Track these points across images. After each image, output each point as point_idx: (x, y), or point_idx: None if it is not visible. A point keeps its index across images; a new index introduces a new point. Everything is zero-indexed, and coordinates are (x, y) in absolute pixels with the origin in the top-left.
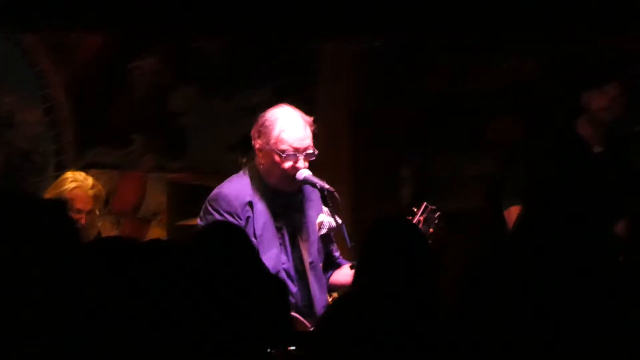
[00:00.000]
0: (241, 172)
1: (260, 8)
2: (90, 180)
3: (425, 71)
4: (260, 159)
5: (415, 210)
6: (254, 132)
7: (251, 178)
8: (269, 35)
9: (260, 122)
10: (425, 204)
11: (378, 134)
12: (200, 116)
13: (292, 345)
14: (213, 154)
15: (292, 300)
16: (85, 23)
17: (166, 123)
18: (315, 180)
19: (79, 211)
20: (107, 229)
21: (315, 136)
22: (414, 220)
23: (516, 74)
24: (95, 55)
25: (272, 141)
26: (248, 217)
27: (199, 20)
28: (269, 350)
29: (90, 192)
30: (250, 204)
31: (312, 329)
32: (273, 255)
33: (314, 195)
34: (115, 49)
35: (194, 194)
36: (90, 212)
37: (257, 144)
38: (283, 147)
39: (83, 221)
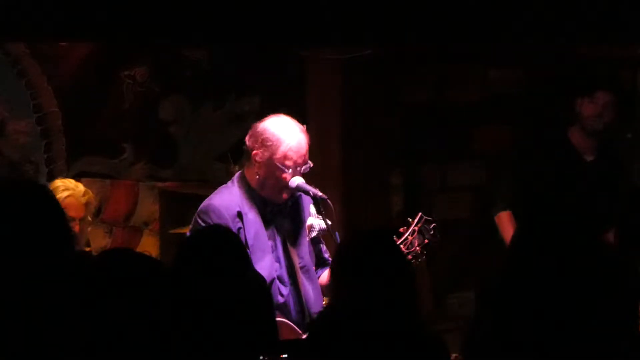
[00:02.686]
0: (229, 183)
1: (249, 16)
2: (81, 187)
3: (414, 81)
4: (256, 169)
5: (411, 220)
6: (252, 143)
7: (240, 188)
8: (259, 44)
9: (262, 134)
10: (420, 214)
11: (368, 143)
12: (191, 125)
13: (284, 353)
14: (203, 163)
15: (282, 300)
16: (74, 33)
17: (156, 132)
18: (308, 187)
19: (72, 219)
20: (99, 238)
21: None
22: (409, 230)
23: (504, 83)
24: (85, 65)
25: (278, 156)
26: (239, 229)
27: (188, 30)
28: (261, 357)
29: (83, 200)
30: (239, 214)
31: (303, 336)
32: (266, 264)
33: (302, 199)
34: (105, 58)
35: (185, 203)
36: (82, 220)
37: (258, 156)
38: (288, 162)
39: (77, 229)
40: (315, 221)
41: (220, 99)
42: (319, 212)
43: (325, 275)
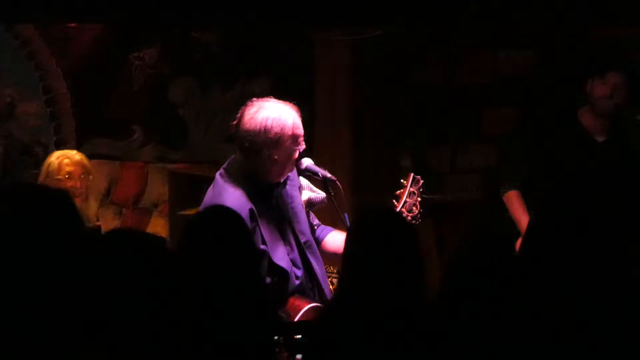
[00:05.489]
0: (227, 178)
1: None
2: (73, 152)
3: (423, 62)
4: (272, 164)
5: (404, 182)
6: (259, 147)
7: (240, 184)
8: (267, 25)
9: (264, 133)
10: (411, 174)
11: (377, 124)
12: (200, 107)
13: (297, 334)
14: (213, 145)
15: (299, 283)
16: (83, 14)
17: (166, 114)
18: (317, 169)
19: (70, 174)
20: (108, 219)
21: (316, 126)
22: (406, 193)
23: (514, 65)
24: (95, 46)
25: (289, 142)
26: (254, 227)
27: (197, 11)
28: (275, 337)
29: (77, 157)
30: (252, 212)
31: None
32: (282, 254)
33: (291, 175)
34: (114, 39)
35: (194, 184)
36: (83, 178)
37: (274, 154)
38: (298, 139)
39: (78, 185)
40: (311, 194)
41: (230, 81)
42: (327, 193)
43: (328, 245)
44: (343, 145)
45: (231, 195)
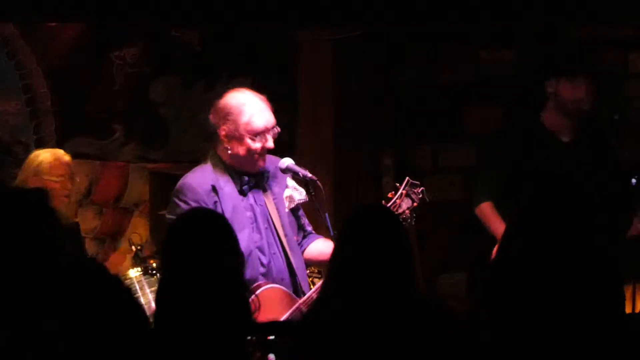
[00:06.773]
0: (201, 163)
1: None
2: (60, 150)
3: (405, 61)
4: (226, 144)
5: (398, 185)
6: (217, 120)
7: (213, 165)
8: (249, 25)
9: (223, 109)
10: (407, 178)
11: (360, 124)
12: (181, 106)
13: (270, 335)
14: (194, 144)
15: (264, 271)
16: (64, 13)
17: (147, 113)
18: (298, 169)
19: (61, 177)
20: (89, 219)
21: (298, 125)
22: (397, 194)
23: (495, 64)
24: (75, 46)
25: (242, 126)
26: (215, 202)
27: (179, 10)
28: (248, 337)
29: (66, 158)
30: (214, 188)
31: (297, 300)
32: (245, 236)
33: (277, 172)
34: (95, 38)
35: (175, 184)
36: (72, 180)
37: (224, 131)
38: (254, 129)
39: (69, 186)
40: (293, 192)
41: (211, 80)
42: (308, 192)
43: (313, 249)
44: (325, 144)
45: (196, 173)
